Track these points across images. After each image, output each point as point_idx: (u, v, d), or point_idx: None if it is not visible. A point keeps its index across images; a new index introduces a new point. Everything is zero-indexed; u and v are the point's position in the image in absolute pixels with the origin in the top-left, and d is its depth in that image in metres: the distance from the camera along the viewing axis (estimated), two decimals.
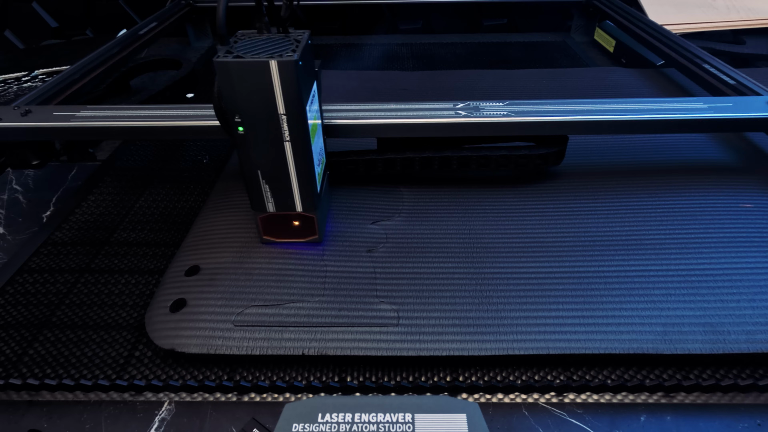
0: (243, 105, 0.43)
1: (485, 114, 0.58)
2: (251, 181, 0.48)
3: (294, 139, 0.45)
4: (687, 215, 0.57)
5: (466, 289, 0.48)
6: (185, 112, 0.60)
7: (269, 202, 0.49)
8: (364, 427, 0.34)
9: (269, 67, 0.41)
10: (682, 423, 0.39)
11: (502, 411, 0.40)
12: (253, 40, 0.44)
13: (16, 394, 0.42)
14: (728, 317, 0.44)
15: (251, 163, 0.46)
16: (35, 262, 0.55)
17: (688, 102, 0.61)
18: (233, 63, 0.41)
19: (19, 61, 1.10)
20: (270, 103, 0.42)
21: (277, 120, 0.43)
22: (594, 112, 0.59)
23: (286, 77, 0.41)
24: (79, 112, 0.60)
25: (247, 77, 0.41)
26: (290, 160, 0.46)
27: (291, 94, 0.42)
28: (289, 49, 0.42)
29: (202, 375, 0.43)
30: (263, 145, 0.45)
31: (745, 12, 1.09)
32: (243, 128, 0.44)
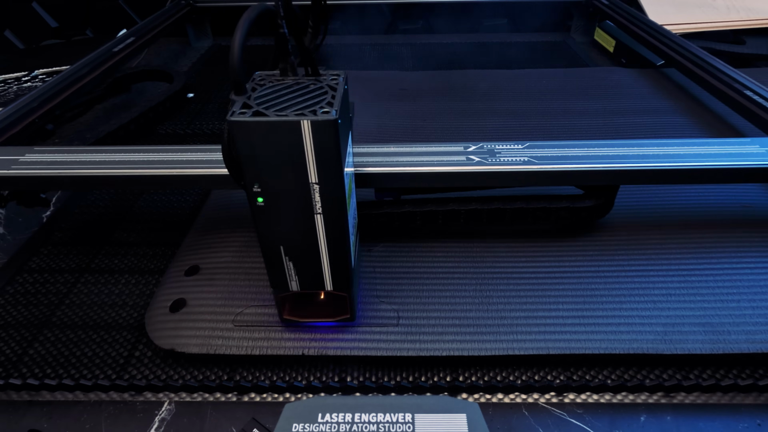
0: (265, 172, 0.35)
1: (502, 160, 0.49)
2: (271, 258, 0.39)
3: (327, 212, 0.36)
4: (687, 215, 0.56)
5: (466, 289, 0.48)
6: (147, 156, 0.51)
7: (293, 280, 0.41)
8: (364, 427, 0.34)
9: (300, 128, 0.32)
10: (682, 423, 0.39)
11: (502, 411, 0.40)
12: (276, 87, 0.36)
13: (16, 394, 0.42)
14: (728, 317, 0.44)
15: (272, 238, 0.38)
16: (35, 262, 0.55)
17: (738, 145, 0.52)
18: (253, 123, 0.32)
19: (19, 61, 1.10)
20: (300, 171, 0.34)
21: (308, 190, 0.35)
22: (633, 158, 0.49)
23: (321, 139, 0.33)
24: (24, 155, 0.51)
25: (271, 140, 0.33)
26: (321, 236, 0.38)
27: (327, 159, 0.34)
28: (324, 100, 0.34)
29: (202, 375, 0.43)
30: (288, 219, 0.37)
31: (745, 12, 1.09)
32: (263, 199, 0.36)
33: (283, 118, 0.32)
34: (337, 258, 0.39)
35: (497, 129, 0.76)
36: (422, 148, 0.50)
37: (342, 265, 0.40)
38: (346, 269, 0.40)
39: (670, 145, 0.51)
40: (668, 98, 0.85)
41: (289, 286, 0.41)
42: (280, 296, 0.42)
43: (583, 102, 0.83)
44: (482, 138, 0.74)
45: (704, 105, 0.82)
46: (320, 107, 0.33)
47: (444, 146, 0.51)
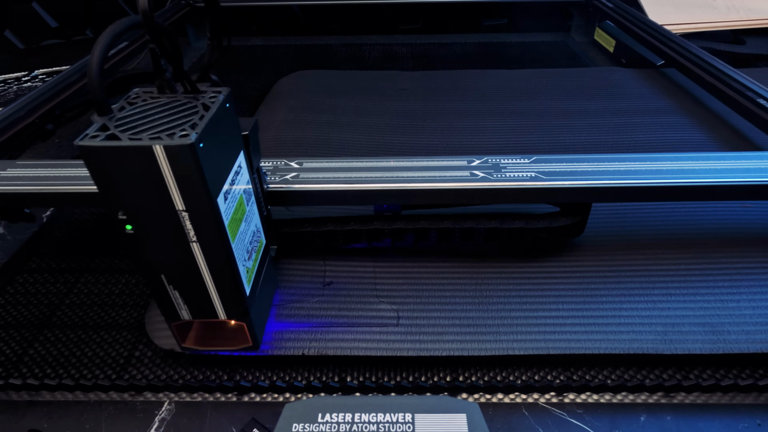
0: (126, 199, 0.32)
1: (508, 176, 0.46)
2: (154, 286, 0.37)
3: (204, 240, 0.34)
4: (687, 215, 0.56)
5: (466, 289, 0.48)
6: None
7: (182, 309, 0.38)
8: (364, 427, 0.34)
9: (154, 153, 0.29)
10: (682, 423, 0.39)
11: (502, 411, 0.40)
12: (148, 106, 0.33)
13: (16, 394, 0.42)
14: (728, 317, 0.44)
15: (150, 266, 0.35)
16: (35, 262, 0.55)
17: (749, 159, 0.48)
18: (102, 148, 0.29)
19: (19, 61, 1.10)
20: (163, 198, 0.31)
21: (177, 217, 0.32)
22: (645, 174, 0.46)
23: (180, 166, 0.30)
24: (5, 170, 0.49)
25: (125, 166, 0.30)
26: (202, 264, 0.35)
27: (190, 186, 0.31)
28: (189, 122, 0.31)
29: (202, 375, 0.43)
30: (162, 247, 0.34)
31: (745, 12, 1.09)
32: (131, 226, 0.33)
33: (135, 143, 0.29)
34: (226, 287, 0.37)
35: (497, 129, 0.76)
36: (424, 163, 0.48)
37: (233, 294, 0.37)
38: (239, 298, 0.38)
39: (684, 159, 0.49)
40: (668, 98, 0.85)
41: (180, 315, 0.39)
42: (173, 325, 0.40)
43: (583, 102, 0.83)
44: (482, 138, 0.74)
45: (704, 105, 0.82)
46: (181, 129, 0.30)
47: (447, 160, 0.48)
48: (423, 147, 0.72)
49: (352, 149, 0.72)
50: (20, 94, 0.93)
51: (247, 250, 0.39)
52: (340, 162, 0.49)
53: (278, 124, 0.78)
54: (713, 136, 0.72)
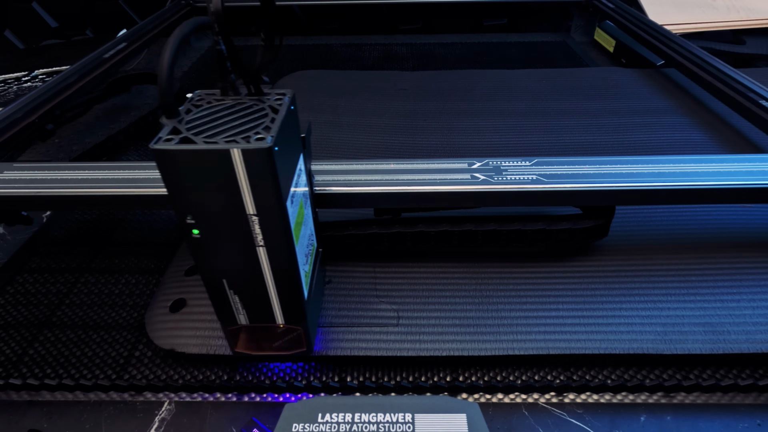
0: (197, 204, 0.31)
1: (509, 178, 0.46)
2: (214, 291, 0.37)
3: (270, 244, 0.33)
4: (687, 215, 0.56)
5: (466, 289, 0.48)
6: (132, 174, 0.47)
7: (240, 314, 0.38)
8: (364, 427, 0.34)
9: (231, 157, 0.29)
10: (682, 423, 0.39)
11: (502, 411, 0.40)
12: (214, 108, 0.33)
13: (16, 394, 0.42)
14: (728, 317, 0.44)
15: (213, 271, 0.35)
16: (35, 262, 0.55)
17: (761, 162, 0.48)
18: (179, 152, 0.29)
19: (19, 61, 1.10)
20: (235, 202, 0.31)
21: (246, 222, 0.32)
22: (649, 177, 0.46)
23: (255, 169, 0.30)
24: (2, 172, 0.49)
25: (200, 170, 0.30)
26: (266, 269, 0.35)
27: (264, 189, 0.31)
28: (262, 124, 0.31)
29: (202, 375, 0.43)
30: (228, 252, 0.34)
31: (745, 12, 1.09)
32: (198, 231, 0.33)
33: (211, 147, 0.29)
34: (287, 291, 0.36)
35: (497, 129, 0.76)
36: (424, 165, 0.48)
37: (293, 299, 0.37)
38: (299, 302, 0.37)
39: (687, 162, 0.48)
40: (668, 98, 0.85)
41: (237, 319, 0.39)
42: (229, 330, 0.40)
43: (583, 102, 0.83)
44: (482, 138, 0.74)
45: (704, 105, 0.82)
46: (255, 133, 0.30)
47: (447, 163, 0.48)
48: (423, 147, 0.72)
49: (352, 149, 0.72)
50: (20, 94, 0.93)
51: (305, 254, 0.39)
52: (338, 165, 0.49)
53: None
54: (713, 137, 0.72)
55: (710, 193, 0.46)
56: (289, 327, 0.39)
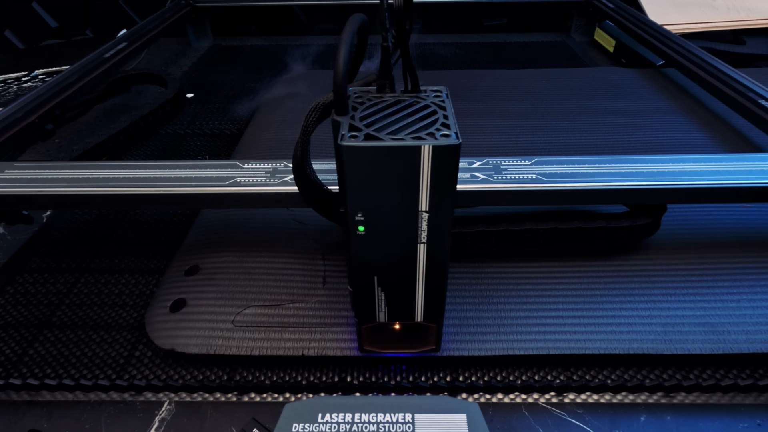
0: (372, 200, 0.32)
1: (508, 177, 0.46)
2: (362, 288, 0.37)
3: (432, 241, 0.34)
4: (686, 215, 0.56)
5: (466, 289, 0.48)
6: (134, 173, 0.48)
7: (381, 311, 0.38)
8: (364, 427, 0.34)
9: (420, 153, 0.29)
10: (682, 423, 0.39)
11: (502, 411, 0.40)
12: (378, 106, 0.33)
13: (16, 394, 0.42)
14: (728, 317, 0.44)
15: (367, 268, 0.36)
16: (35, 262, 0.55)
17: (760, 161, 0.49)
18: (369, 149, 0.29)
19: (19, 61, 1.10)
20: (411, 199, 0.31)
21: (416, 218, 0.32)
22: (654, 175, 0.47)
23: (440, 165, 0.30)
24: (3, 172, 0.49)
25: (385, 166, 0.30)
26: (421, 266, 0.35)
27: (443, 186, 0.31)
28: (437, 121, 0.31)
29: (202, 375, 0.43)
30: (389, 249, 0.34)
31: (745, 12, 1.09)
32: (365, 228, 0.33)
33: (400, 143, 0.29)
34: (434, 288, 0.37)
35: (497, 129, 0.76)
36: None
37: (437, 296, 0.37)
38: (441, 299, 0.38)
39: (687, 161, 0.49)
40: (668, 98, 0.85)
41: (377, 317, 0.39)
42: (365, 327, 0.40)
43: (583, 102, 0.83)
44: (482, 138, 0.74)
45: (704, 105, 0.82)
46: (437, 129, 0.30)
47: None
48: None
49: None
50: (20, 94, 0.93)
51: None
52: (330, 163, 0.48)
53: (278, 124, 0.78)
54: (713, 136, 0.72)
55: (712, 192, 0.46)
56: (426, 324, 0.39)
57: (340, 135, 0.30)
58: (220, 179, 0.48)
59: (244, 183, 0.47)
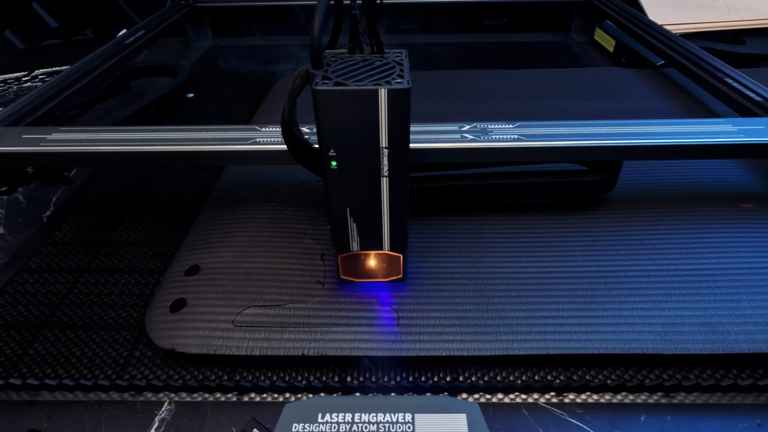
0: (341, 138, 0.38)
1: (493, 138, 0.52)
2: (338, 220, 0.43)
3: (393, 174, 0.40)
4: (687, 215, 0.57)
5: (466, 289, 0.48)
6: (166, 135, 0.55)
7: (354, 241, 0.44)
8: (364, 427, 0.34)
9: (378, 96, 0.36)
10: (682, 423, 0.39)
11: (502, 411, 0.40)
12: (348, 63, 0.39)
13: (16, 394, 0.42)
14: (728, 317, 0.44)
15: (340, 200, 0.42)
16: (35, 262, 0.55)
17: (713, 124, 0.55)
18: (336, 92, 0.35)
19: (19, 61, 1.10)
20: (372, 136, 0.38)
21: (378, 154, 0.39)
22: (611, 136, 0.53)
23: (395, 107, 0.36)
24: (51, 134, 0.55)
25: (351, 108, 0.36)
26: (385, 197, 0.41)
27: (398, 125, 0.37)
28: (394, 73, 0.37)
29: (202, 375, 0.43)
30: (357, 181, 0.40)
31: (745, 12, 1.09)
32: (336, 162, 0.39)
33: (362, 88, 0.35)
34: (396, 219, 0.43)
35: None
36: (420, 128, 0.54)
37: (400, 227, 0.43)
38: (404, 230, 0.44)
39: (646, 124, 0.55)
40: (668, 98, 0.85)
41: (350, 246, 0.45)
42: (342, 256, 0.46)
43: (583, 102, 0.83)
44: None
45: (704, 105, 0.82)
46: (393, 78, 0.36)
47: (440, 126, 0.54)
48: None
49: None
50: (20, 94, 0.93)
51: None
52: None
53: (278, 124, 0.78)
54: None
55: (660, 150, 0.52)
56: (392, 254, 0.45)
57: (314, 82, 0.36)
58: (241, 139, 0.54)
59: (263, 143, 0.53)
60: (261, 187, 0.62)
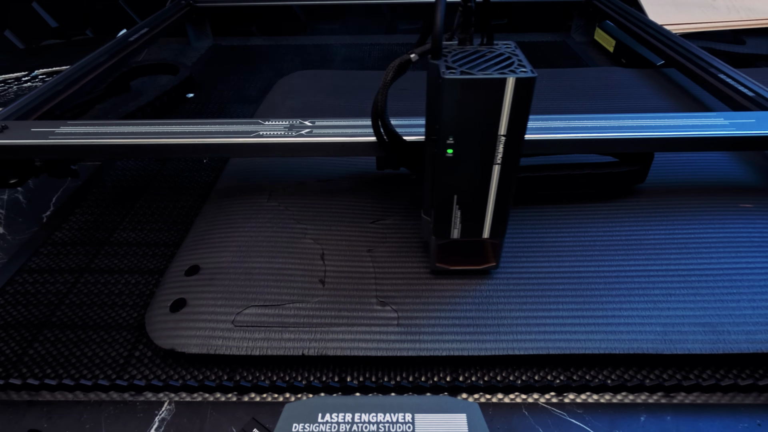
0: (462, 126, 0.38)
1: None
2: (442, 206, 0.44)
3: (505, 162, 0.41)
4: (687, 215, 0.57)
5: (465, 289, 0.48)
6: (172, 128, 0.56)
7: (456, 228, 0.45)
8: (364, 427, 0.34)
9: (505, 85, 0.36)
10: (682, 423, 0.39)
11: (502, 411, 0.40)
12: (464, 54, 0.40)
13: (16, 394, 0.42)
14: (728, 317, 0.44)
15: (449, 186, 0.42)
16: (35, 262, 0.55)
17: (707, 118, 0.57)
18: (465, 81, 0.36)
19: (19, 61, 1.10)
20: (492, 124, 0.38)
21: (494, 141, 0.39)
22: (599, 129, 0.55)
23: (519, 95, 0.37)
24: (59, 128, 0.56)
25: (476, 96, 0.37)
26: (494, 185, 0.42)
27: (520, 113, 0.38)
28: (514, 63, 0.38)
29: (202, 375, 0.43)
30: (470, 169, 0.41)
31: (745, 12, 1.09)
32: (453, 150, 0.40)
33: (490, 76, 0.36)
34: (501, 206, 0.44)
35: None
36: (420, 121, 0.54)
37: (502, 213, 0.44)
38: (505, 217, 0.44)
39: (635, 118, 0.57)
40: (668, 98, 0.85)
41: (451, 233, 0.45)
42: (440, 244, 0.47)
43: (583, 102, 0.83)
44: None
45: (704, 105, 0.82)
46: (516, 67, 0.37)
47: None
48: None
49: None
50: (20, 94, 0.93)
51: None
52: (346, 121, 0.57)
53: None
54: None
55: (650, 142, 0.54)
56: (491, 241, 0.46)
57: (441, 72, 0.37)
58: (245, 132, 0.55)
59: (266, 135, 0.55)
60: (261, 188, 0.62)
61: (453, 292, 0.48)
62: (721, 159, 0.67)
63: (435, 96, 0.39)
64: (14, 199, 0.66)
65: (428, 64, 0.39)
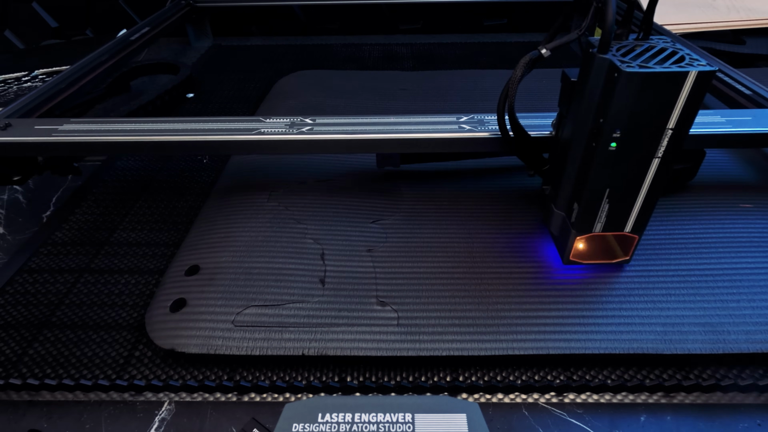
0: (631, 119, 0.38)
1: (490, 128, 0.55)
2: (591, 200, 0.43)
3: (665, 155, 0.40)
4: (687, 215, 0.57)
5: (466, 289, 0.48)
6: (174, 125, 0.57)
7: (600, 222, 0.45)
8: (364, 427, 0.34)
9: (685, 79, 0.36)
10: (682, 423, 0.39)
11: (502, 411, 0.40)
12: (628, 48, 0.40)
13: (16, 394, 0.42)
14: (728, 317, 0.44)
15: (604, 181, 0.42)
16: (35, 262, 0.55)
17: (704, 115, 0.57)
18: (645, 74, 0.36)
19: (19, 61, 1.10)
20: (662, 117, 0.38)
21: (659, 135, 0.39)
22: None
23: (697, 89, 0.37)
24: (62, 125, 0.57)
25: (652, 89, 0.37)
26: (649, 179, 0.41)
27: (693, 106, 0.37)
28: (685, 57, 0.38)
29: (202, 375, 0.43)
30: (629, 162, 0.41)
31: (745, 12, 1.09)
32: (616, 144, 0.39)
33: (671, 70, 0.36)
34: (650, 200, 0.43)
35: None
36: (420, 119, 0.57)
37: (649, 207, 0.44)
38: (650, 211, 0.44)
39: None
40: None
41: (594, 227, 0.45)
42: (579, 237, 0.46)
43: None
44: None
45: (704, 105, 0.82)
46: (692, 61, 0.37)
47: (439, 117, 0.57)
48: None
49: None
50: (20, 94, 0.93)
51: None
52: (347, 119, 0.58)
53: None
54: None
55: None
56: (630, 235, 0.46)
57: (617, 65, 0.36)
58: (247, 129, 0.56)
59: (267, 133, 0.55)
60: (261, 187, 0.62)
61: (453, 292, 0.48)
62: (721, 159, 0.67)
63: (602, 90, 0.38)
64: (14, 199, 0.66)
65: (589, 58, 0.39)
